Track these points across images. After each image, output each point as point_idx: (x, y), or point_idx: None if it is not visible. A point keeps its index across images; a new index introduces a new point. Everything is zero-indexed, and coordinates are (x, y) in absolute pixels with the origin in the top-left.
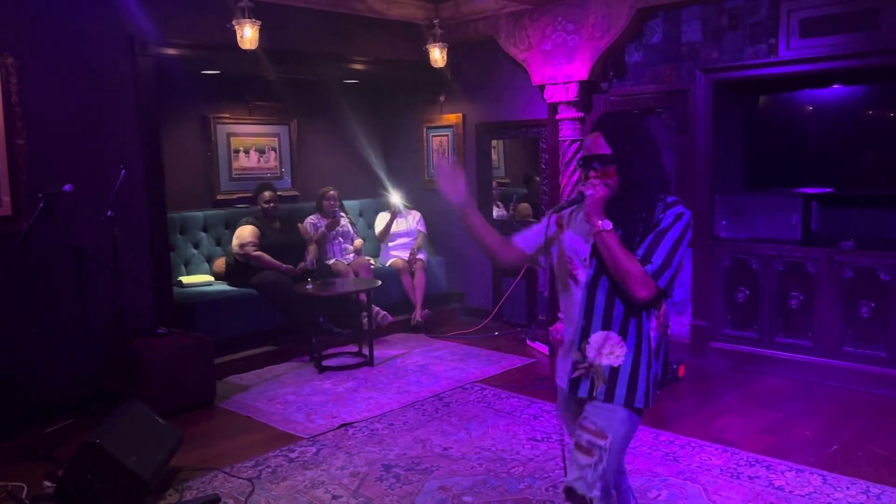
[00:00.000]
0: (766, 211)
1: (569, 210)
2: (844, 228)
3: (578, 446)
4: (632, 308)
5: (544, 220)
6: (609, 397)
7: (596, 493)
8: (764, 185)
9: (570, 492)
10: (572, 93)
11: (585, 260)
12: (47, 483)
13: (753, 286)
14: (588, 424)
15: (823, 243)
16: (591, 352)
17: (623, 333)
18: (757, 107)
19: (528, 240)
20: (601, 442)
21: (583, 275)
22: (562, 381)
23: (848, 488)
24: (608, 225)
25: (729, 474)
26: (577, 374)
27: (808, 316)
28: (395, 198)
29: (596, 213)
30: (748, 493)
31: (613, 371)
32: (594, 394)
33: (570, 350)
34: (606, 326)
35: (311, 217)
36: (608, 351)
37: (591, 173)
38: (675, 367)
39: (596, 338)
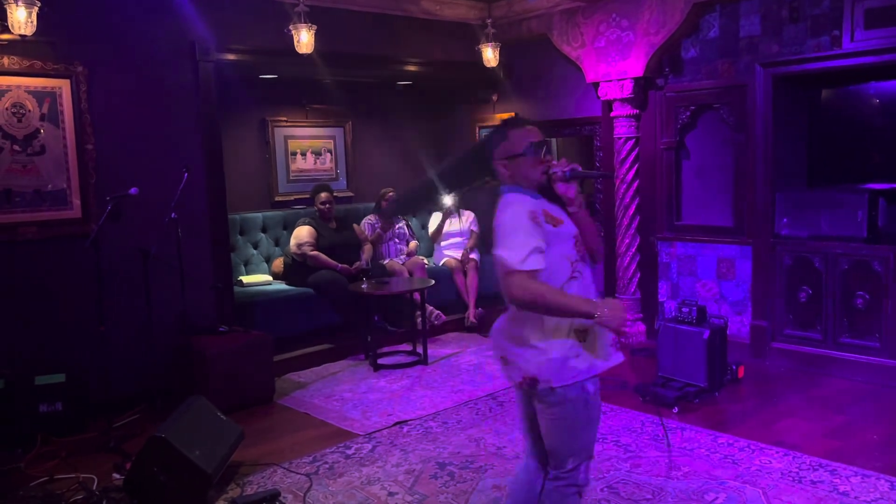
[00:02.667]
0: (829, 208)
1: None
2: None
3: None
4: None
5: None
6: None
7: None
8: (828, 182)
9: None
10: (627, 90)
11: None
12: (116, 475)
13: (816, 285)
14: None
15: (891, 240)
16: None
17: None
18: (820, 101)
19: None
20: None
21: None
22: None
23: None
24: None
25: (790, 478)
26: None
27: (874, 316)
28: (448, 198)
29: (576, 192)
30: (811, 498)
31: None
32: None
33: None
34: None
35: (369, 217)
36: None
37: (548, 157)
38: (734, 367)
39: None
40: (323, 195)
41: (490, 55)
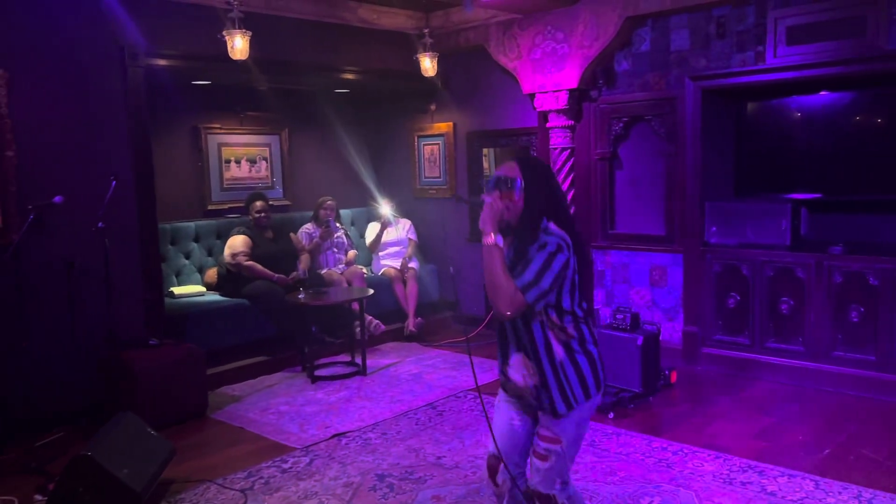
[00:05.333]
0: (755, 217)
1: None
2: (833, 233)
3: (536, 453)
4: (532, 328)
5: None
6: (552, 409)
7: (556, 487)
8: (754, 192)
9: (534, 493)
10: (562, 101)
11: None
12: (38, 497)
13: (744, 292)
14: (544, 433)
15: (813, 248)
16: (512, 374)
17: (532, 352)
18: (746, 113)
19: None
20: (556, 447)
21: None
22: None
23: (840, 493)
24: (500, 241)
25: (721, 480)
26: (530, 396)
27: (798, 321)
28: (385, 207)
29: (491, 223)
30: (740, 499)
31: (537, 387)
32: (542, 406)
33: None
34: (519, 348)
35: (307, 226)
36: (524, 372)
37: (496, 192)
38: (667, 373)
39: (513, 360)
40: (258, 204)
41: (428, 65)
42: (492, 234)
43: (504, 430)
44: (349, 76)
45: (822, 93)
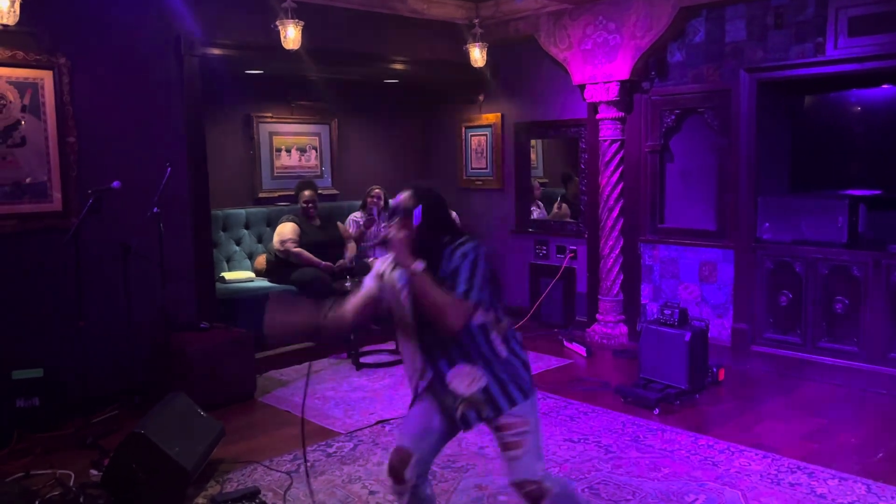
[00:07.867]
0: (811, 213)
1: (382, 265)
2: (893, 231)
3: (506, 446)
4: (474, 332)
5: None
6: (497, 413)
7: (539, 473)
8: (809, 187)
9: (520, 485)
10: (613, 92)
11: (409, 319)
12: (94, 471)
13: (797, 289)
14: (506, 421)
15: (871, 246)
16: (455, 385)
17: (469, 359)
18: (803, 107)
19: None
20: (525, 427)
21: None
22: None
23: (893, 498)
24: (420, 266)
25: (769, 480)
26: (460, 410)
27: (853, 321)
28: None
29: (406, 254)
30: (789, 500)
31: (486, 391)
32: (484, 416)
33: (420, 378)
34: (452, 363)
35: (355, 214)
36: (469, 380)
37: (396, 221)
38: (714, 370)
39: (455, 371)
40: (306, 193)
41: (477, 55)
42: (413, 263)
43: (419, 428)
44: (398, 66)
45: (885, 86)
